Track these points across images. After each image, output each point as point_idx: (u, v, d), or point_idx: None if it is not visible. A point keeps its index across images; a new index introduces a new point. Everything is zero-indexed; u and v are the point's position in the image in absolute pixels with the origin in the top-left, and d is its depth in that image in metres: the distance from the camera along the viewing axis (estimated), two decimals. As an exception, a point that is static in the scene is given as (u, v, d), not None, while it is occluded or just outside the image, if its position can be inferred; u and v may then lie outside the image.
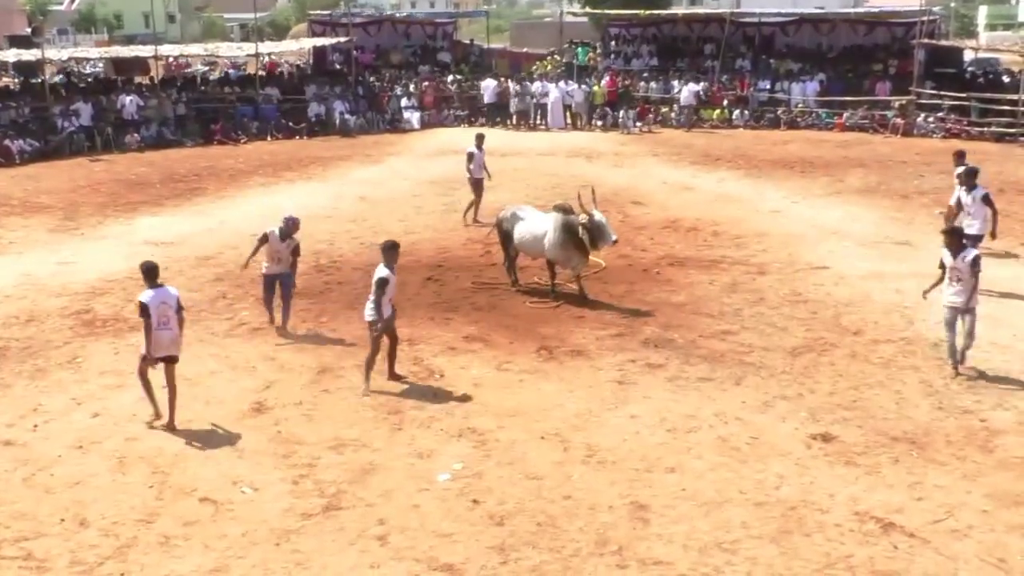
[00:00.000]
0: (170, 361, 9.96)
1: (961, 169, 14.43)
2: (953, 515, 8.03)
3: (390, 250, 10.69)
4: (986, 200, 13.60)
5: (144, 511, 8.25)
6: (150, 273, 10.02)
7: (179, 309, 10.13)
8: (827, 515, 8.06)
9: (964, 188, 13.88)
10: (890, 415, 9.95)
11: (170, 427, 9.77)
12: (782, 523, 7.94)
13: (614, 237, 13.32)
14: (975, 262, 10.66)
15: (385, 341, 10.82)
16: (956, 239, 10.93)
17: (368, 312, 10.60)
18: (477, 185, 18.63)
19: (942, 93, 30.69)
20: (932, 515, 8.02)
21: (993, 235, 13.67)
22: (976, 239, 12.99)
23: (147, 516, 8.17)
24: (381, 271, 10.55)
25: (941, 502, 8.23)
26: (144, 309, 9.73)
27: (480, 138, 19.08)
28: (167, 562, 7.50)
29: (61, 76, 36.71)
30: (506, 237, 14.21)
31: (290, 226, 12.47)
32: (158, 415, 9.85)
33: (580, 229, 13.29)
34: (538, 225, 13.74)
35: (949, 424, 9.73)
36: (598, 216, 13.31)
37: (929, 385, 10.69)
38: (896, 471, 8.79)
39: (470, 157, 18.66)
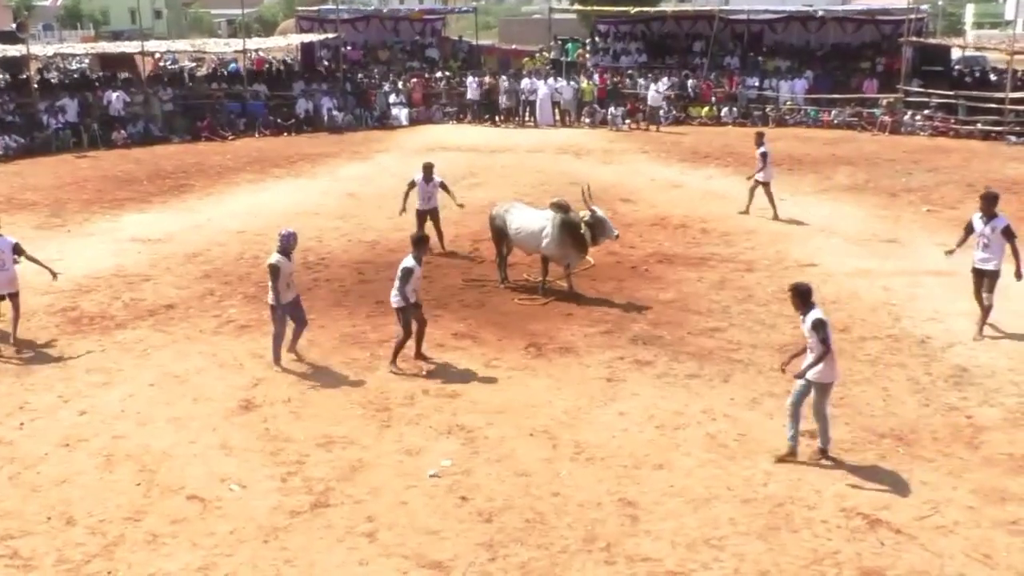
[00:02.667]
0: (11, 297, 11.98)
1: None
2: (939, 511, 8.07)
3: (419, 243, 11.32)
4: (1006, 232, 11.76)
5: (131, 509, 8.22)
6: None
7: (14, 253, 12.03)
8: (814, 511, 8.09)
9: (982, 216, 12.01)
10: (877, 412, 9.99)
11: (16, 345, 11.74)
12: (769, 519, 7.97)
13: (616, 232, 13.61)
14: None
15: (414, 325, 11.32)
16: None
17: (394, 299, 11.09)
18: (421, 218, 15.79)
19: (929, 91, 30.81)
20: (918, 511, 8.07)
21: (1019, 274, 11.77)
22: (994, 276, 11.88)
23: (134, 514, 8.14)
24: (408, 261, 11.10)
25: (927, 498, 8.28)
26: None
27: (428, 168, 16.07)
28: (154, 560, 7.48)
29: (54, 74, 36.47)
30: (499, 233, 14.22)
31: (291, 242, 11.32)
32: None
33: (582, 225, 13.45)
34: (534, 221, 13.76)
35: (935, 421, 9.78)
36: (600, 212, 13.63)
37: (916, 382, 10.74)
38: (883, 468, 8.82)
39: (411, 187, 16.02)
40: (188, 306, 13.60)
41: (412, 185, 16.01)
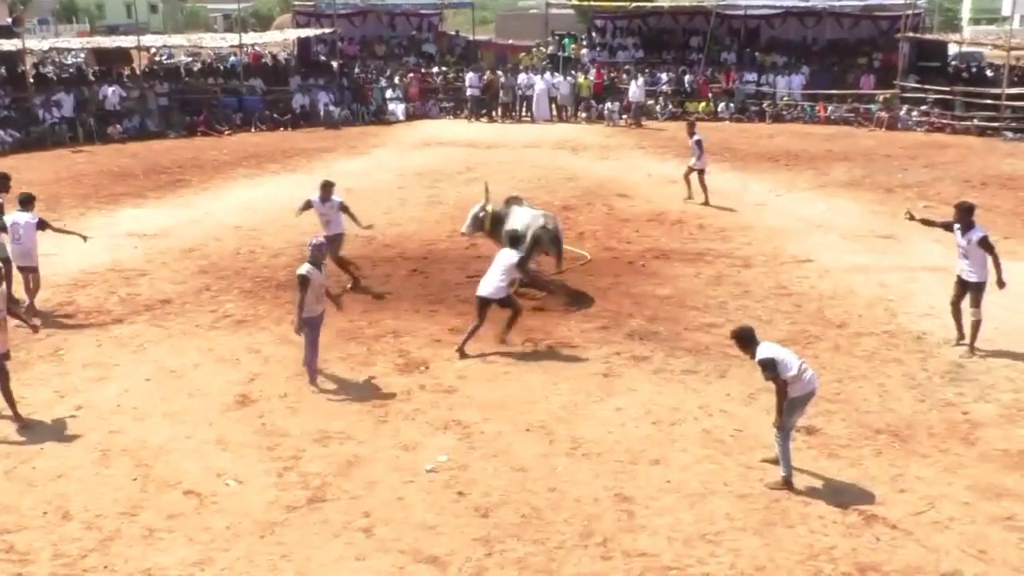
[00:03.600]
0: (31, 271, 12.67)
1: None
2: (935, 507, 8.08)
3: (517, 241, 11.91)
4: (983, 244, 11.30)
5: (127, 504, 8.21)
6: None
7: (38, 228, 12.74)
8: (810, 507, 8.10)
9: (959, 227, 11.53)
10: (873, 408, 10.00)
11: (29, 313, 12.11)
12: (766, 515, 7.98)
13: (463, 229, 14.05)
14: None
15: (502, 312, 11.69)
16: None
17: (503, 288, 11.52)
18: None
19: (926, 87, 30.83)
20: (914, 507, 8.08)
21: (1000, 283, 11.33)
22: (976, 288, 11.46)
23: (130, 509, 8.13)
24: (512, 256, 11.60)
25: (923, 494, 8.29)
26: None
27: (327, 187, 14.01)
28: (151, 555, 7.47)
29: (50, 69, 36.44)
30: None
31: (323, 251, 10.75)
32: None
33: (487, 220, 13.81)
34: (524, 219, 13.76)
35: (931, 417, 9.79)
36: (476, 208, 13.90)
37: (912, 378, 10.75)
38: (879, 463, 8.84)
39: (306, 207, 14.19)
40: (184, 301, 13.58)
41: (307, 205, 14.09)
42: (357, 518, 7.97)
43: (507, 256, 11.69)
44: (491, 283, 11.52)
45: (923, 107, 30.50)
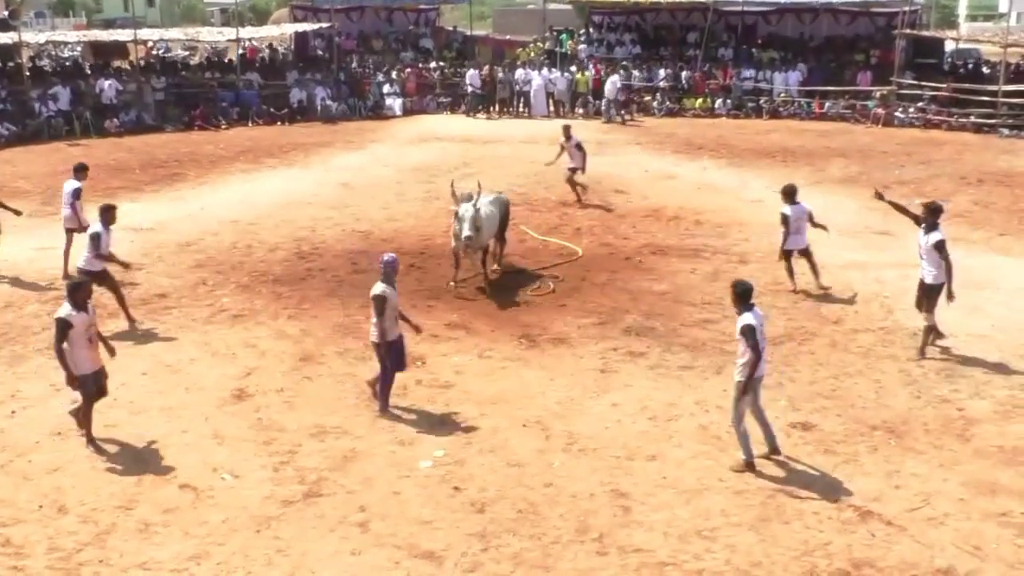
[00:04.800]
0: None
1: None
2: (930, 503, 8.11)
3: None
4: (938, 247, 11.00)
5: (123, 498, 8.22)
6: None
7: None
8: (805, 503, 8.12)
9: (924, 227, 11.26)
10: (869, 404, 10.02)
11: None
12: (761, 511, 8.00)
13: (467, 233, 13.20)
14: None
15: None
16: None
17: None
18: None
19: (923, 84, 30.83)
20: (909, 503, 8.10)
21: (950, 295, 11.04)
22: (934, 290, 11.16)
23: (126, 503, 8.14)
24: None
25: (918, 490, 8.31)
26: None
27: (106, 212, 12.58)
28: (146, 549, 7.48)
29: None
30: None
31: (395, 268, 10.09)
32: None
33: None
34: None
35: (927, 413, 9.81)
36: (463, 209, 13.36)
37: (908, 374, 10.77)
38: (874, 459, 8.86)
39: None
40: (181, 295, 13.57)
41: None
42: (353, 513, 7.98)
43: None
44: None
45: (920, 104, 30.49)
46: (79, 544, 7.54)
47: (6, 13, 40.56)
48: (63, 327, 8.79)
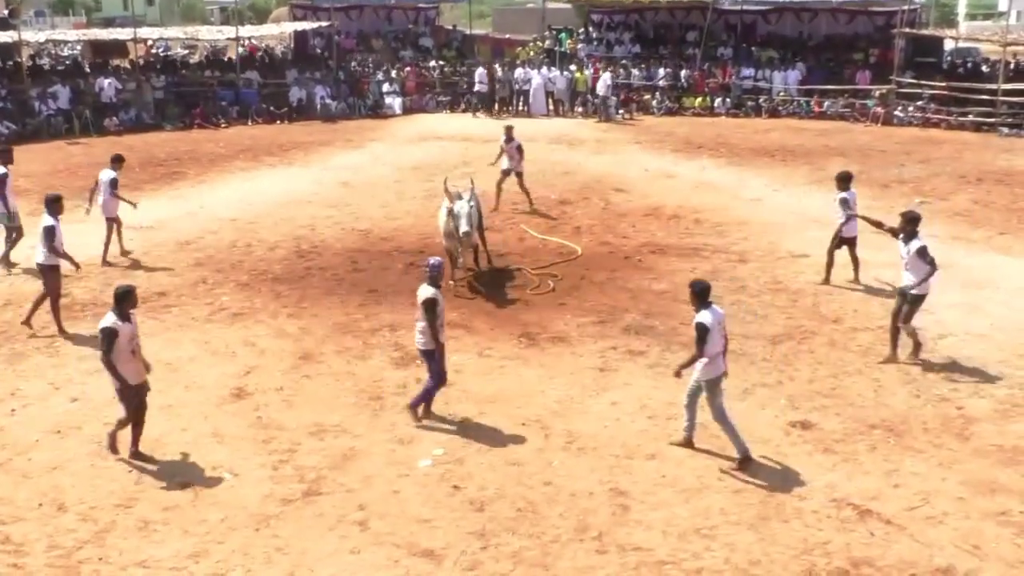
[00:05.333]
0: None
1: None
2: (929, 502, 8.11)
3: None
4: (920, 254, 10.74)
5: (123, 496, 8.22)
6: None
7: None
8: (805, 502, 8.13)
9: (903, 236, 11.02)
10: (868, 403, 10.03)
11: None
12: (760, 509, 8.01)
13: (465, 228, 13.29)
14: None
15: None
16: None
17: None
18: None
19: (922, 82, 30.83)
20: (908, 502, 8.10)
21: (917, 286, 10.92)
22: (917, 300, 10.92)
23: (126, 501, 8.14)
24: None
25: (917, 489, 8.32)
26: None
27: (52, 203, 12.97)
28: (146, 547, 7.48)
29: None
30: None
31: (441, 271, 9.90)
32: None
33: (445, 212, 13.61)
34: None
35: (926, 412, 9.82)
36: (459, 206, 13.41)
37: (907, 373, 10.77)
38: (873, 458, 8.87)
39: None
40: (180, 294, 13.57)
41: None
42: (352, 511, 7.98)
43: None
44: None
45: (919, 102, 30.49)
46: (79, 542, 7.55)
47: (6, 12, 40.53)
48: (110, 337, 8.40)
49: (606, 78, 31.90)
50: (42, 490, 8.32)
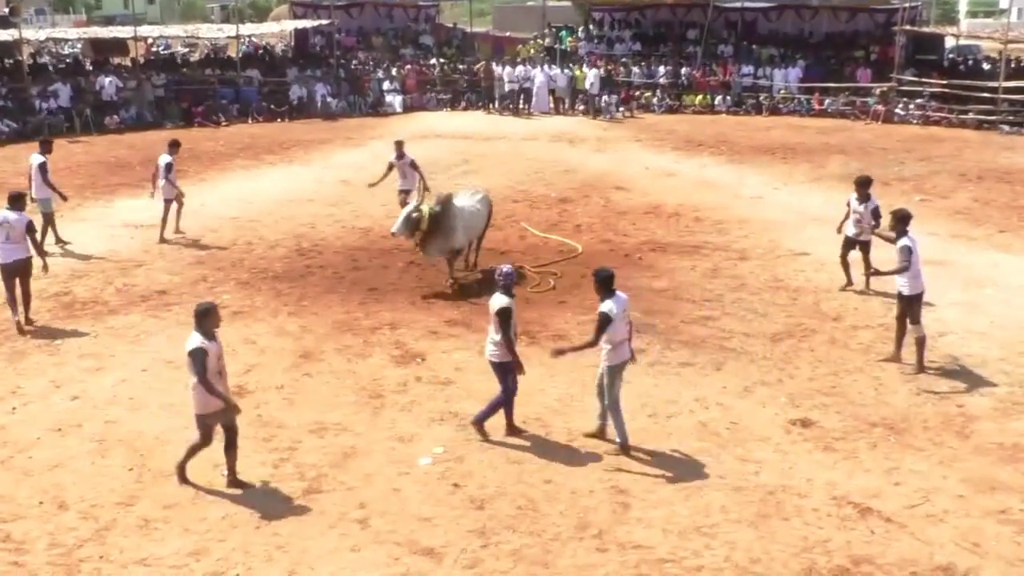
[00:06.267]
0: None
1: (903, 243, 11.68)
2: (929, 500, 8.11)
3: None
4: (900, 252, 10.72)
5: (123, 494, 8.22)
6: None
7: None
8: (805, 500, 8.12)
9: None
10: (868, 401, 10.03)
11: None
12: (761, 507, 8.00)
13: (392, 228, 13.41)
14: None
15: None
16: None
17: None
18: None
19: (923, 80, 30.82)
20: (909, 500, 8.10)
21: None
22: (914, 300, 10.86)
23: (126, 499, 8.14)
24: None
25: (918, 487, 8.31)
26: None
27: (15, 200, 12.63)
28: (146, 545, 7.48)
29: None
30: None
31: (514, 280, 9.36)
32: None
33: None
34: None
35: (927, 410, 9.82)
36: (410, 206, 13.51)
37: (907, 371, 10.76)
38: (874, 456, 8.86)
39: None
40: (181, 292, 13.57)
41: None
42: (353, 509, 7.98)
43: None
44: None
45: (919, 100, 30.48)
46: (79, 540, 7.55)
47: (7, 10, 40.50)
48: (202, 357, 7.85)
49: (592, 74, 31.90)
50: (43, 488, 8.32)
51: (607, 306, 8.60)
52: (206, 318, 8.08)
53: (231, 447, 8.30)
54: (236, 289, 13.70)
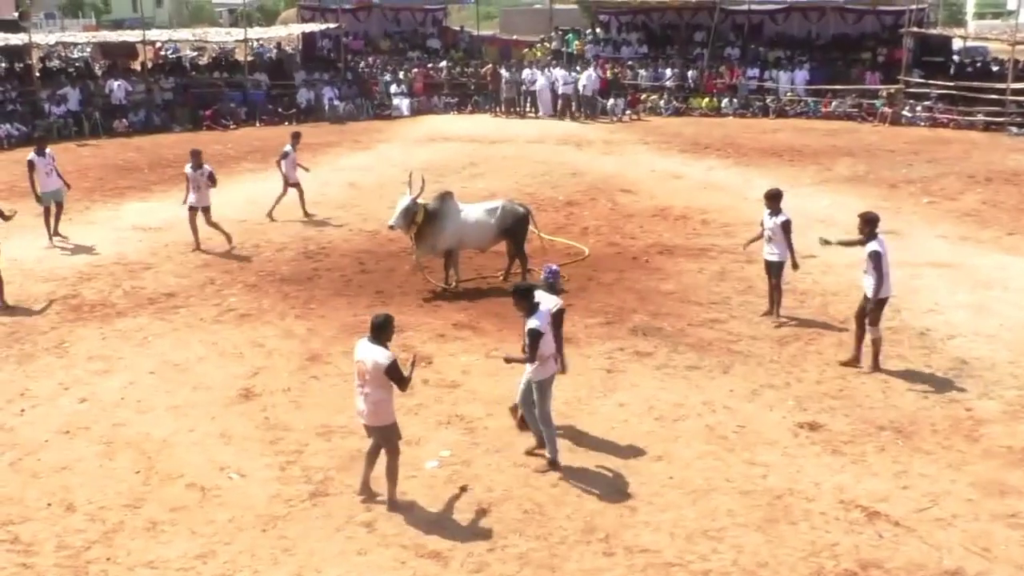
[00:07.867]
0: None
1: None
2: (938, 504, 8.07)
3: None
4: (870, 257, 10.75)
5: (131, 496, 8.24)
6: None
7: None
8: (813, 503, 8.10)
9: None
10: (876, 404, 9.99)
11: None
12: (768, 511, 7.98)
13: (389, 222, 13.55)
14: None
15: None
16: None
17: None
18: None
19: (930, 82, 30.74)
20: (917, 504, 8.07)
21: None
22: (880, 303, 10.81)
23: (134, 501, 8.16)
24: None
25: (926, 491, 8.28)
26: None
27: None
28: (153, 547, 7.50)
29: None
30: None
31: (558, 279, 9.83)
32: None
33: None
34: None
35: (935, 413, 9.78)
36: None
37: (915, 374, 10.73)
38: (882, 460, 8.83)
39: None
40: (188, 294, 13.60)
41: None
42: (359, 513, 7.98)
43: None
44: None
45: (927, 102, 30.40)
46: (87, 542, 7.57)
47: (16, 15, 40.64)
48: (396, 371, 7.75)
49: (585, 75, 31.88)
50: (51, 490, 8.34)
51: (533, 322, 8.39)
52: (382, 330, 7.96)
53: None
54: (243, 292, 13.73)
